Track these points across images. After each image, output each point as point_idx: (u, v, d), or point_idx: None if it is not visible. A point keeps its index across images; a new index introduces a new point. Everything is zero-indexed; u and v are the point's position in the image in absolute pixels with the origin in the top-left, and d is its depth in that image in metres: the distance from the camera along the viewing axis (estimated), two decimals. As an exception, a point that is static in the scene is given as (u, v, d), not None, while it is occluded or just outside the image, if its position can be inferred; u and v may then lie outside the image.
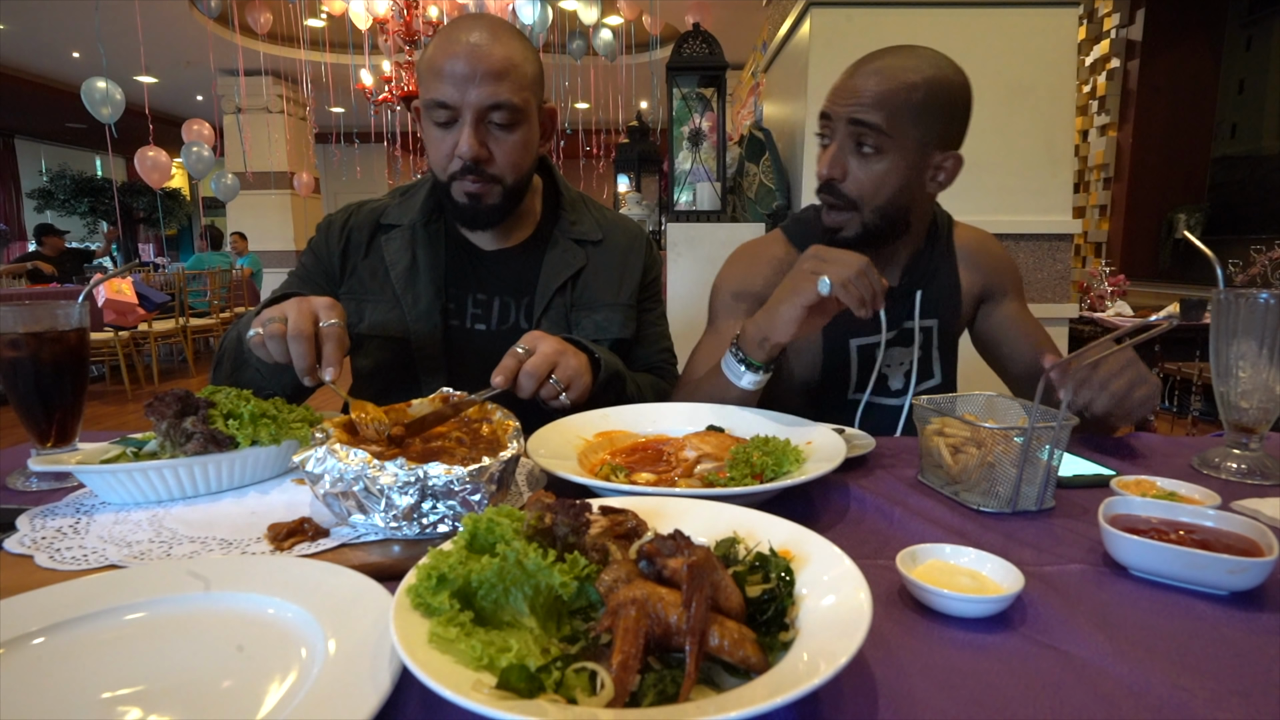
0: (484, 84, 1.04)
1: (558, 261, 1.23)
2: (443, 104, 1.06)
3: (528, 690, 0.40)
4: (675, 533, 0.48)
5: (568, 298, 1.23)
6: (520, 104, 1.07)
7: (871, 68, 1.09)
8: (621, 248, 1.30)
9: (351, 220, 1.25)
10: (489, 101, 1.05)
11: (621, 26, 7.59)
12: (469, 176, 1.09)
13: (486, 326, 1.23)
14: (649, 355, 1.32)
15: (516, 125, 1.09)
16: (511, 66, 1.06)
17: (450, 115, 1.07)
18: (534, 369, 0.93)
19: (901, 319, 1.25)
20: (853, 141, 1.11)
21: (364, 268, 1.22)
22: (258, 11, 6.79)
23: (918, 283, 1.25)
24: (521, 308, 1.24)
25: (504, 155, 1.10)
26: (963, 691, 0.46)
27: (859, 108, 1.08)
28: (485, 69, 1.04)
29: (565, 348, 0.97)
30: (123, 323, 5.58)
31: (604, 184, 11.97)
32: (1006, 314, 1.34)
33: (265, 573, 0.57)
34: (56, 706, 0.44)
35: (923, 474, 0.87)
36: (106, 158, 13.27)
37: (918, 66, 1.08)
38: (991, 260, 1.33)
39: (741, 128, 3.62)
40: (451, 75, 1.04)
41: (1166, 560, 0.59)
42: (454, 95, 1.05)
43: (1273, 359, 0.86)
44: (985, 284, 1.33)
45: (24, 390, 0.85)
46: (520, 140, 1.11)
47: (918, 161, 1.12)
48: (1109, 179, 5.77)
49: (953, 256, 1.30)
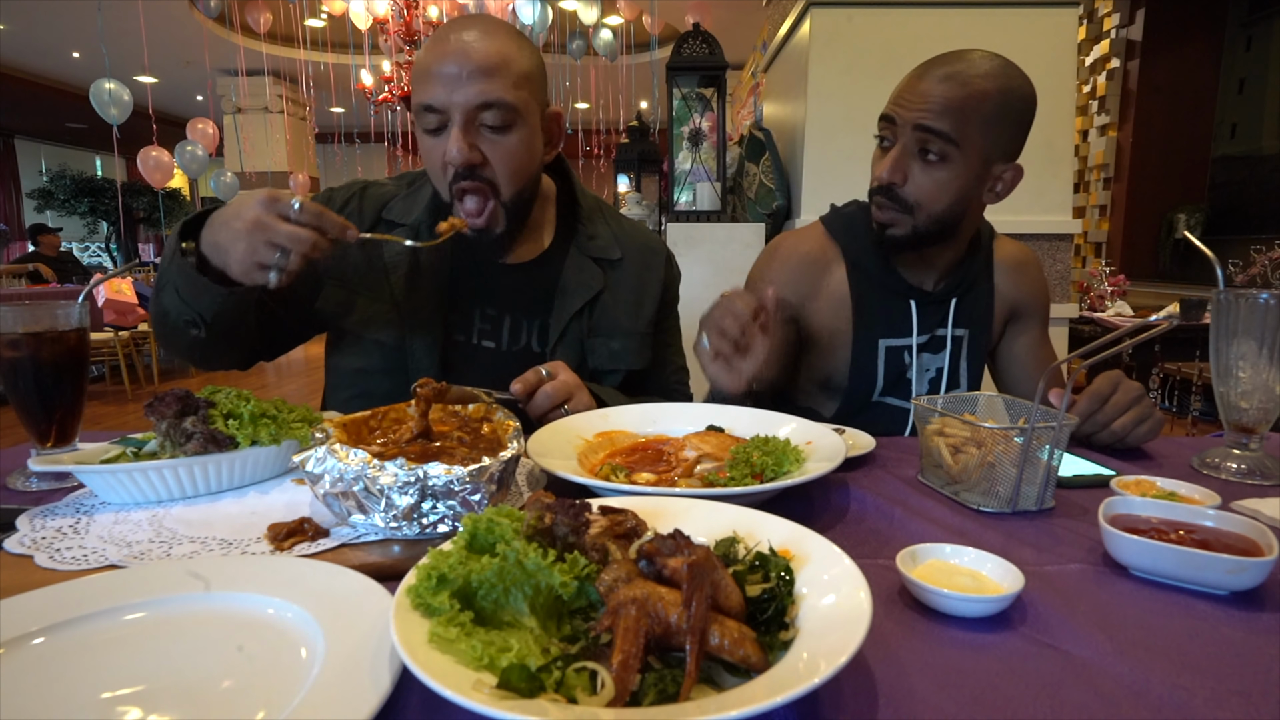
0: (472, 81, 0.96)
1: (575, 283, 1.17)
2: (430, 107, 0.98)
3: (528, 690, 0.40)
4: (675, 532, 0.48)
5: (584, 323, 1.17)
6: (514, 102, 0.99)
7: (942, 72, 1.06)
8: (640, 266, 1.23)
9: (352, 205, 1.17)
10: (477, 100, 0.97)
11: (621, 26, 7.60)
12: (465, 184, 1.01)
13: (496, 345, 1.15)
14: (664, 379, 1.29)
15: (511, 126, 1.00)
16: (503, 62, 0.98)
17: (440, 120, 0.99)
18: (554, 392, 0.98)
19: (934, 325, 1.23)
20: (917, 147, 1.08)
21: (360, 258, 1.13)
22: (258, 11, 6.80)
23: (954, 291, 1.23)
24: (534, 329, 1.17)
25: (500, 160, 1.01)
26: (963, 691, 0.46)
27: (928, 114, 1.05)
28: (473, 66, 0.96)
29: (582, 386, 1.02)
30: (123, 323, 5.58)
31: (604, 184, 11.97)
32: (1027, 341, 1.32)
33: (265, 573, 0.57)
34: (56, 706, 0.44)
35: (923, 474, 0.87)
36: (107, 158, 13.29)
37: (990, 74, 1.05)
38: (1027, 281, 1.31)
39: (741, 128, 3.63)
40: (439, 76, 0.97)
41: (1166, 560, 0.59)
42: (441, 96, 0.97)
43: (1273, 359, 0.86)
44: (1016, 303, 1.31)
45: (24, 390, 0.85)
46: (517, 143, 1.02)
47: (980, 171, 1.10)
48: (1109, 179, 5.77)
49: (991, 269, 1.29)
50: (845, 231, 1.26)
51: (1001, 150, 1.10)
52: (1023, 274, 1.31)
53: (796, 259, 1.27)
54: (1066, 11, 2.38)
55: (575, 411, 0.99)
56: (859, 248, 1.24)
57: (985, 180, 1.12)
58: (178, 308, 0.96)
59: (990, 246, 1.30)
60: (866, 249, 1.23)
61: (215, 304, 0.95)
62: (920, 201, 1.10)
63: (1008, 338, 1.33)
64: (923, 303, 1.22)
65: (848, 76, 2.40)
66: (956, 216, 1.13)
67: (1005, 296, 1.30)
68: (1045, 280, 1.35)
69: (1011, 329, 1.33)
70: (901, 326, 1.22)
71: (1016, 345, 1.33)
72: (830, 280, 1.25)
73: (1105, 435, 0.96)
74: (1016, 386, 1.33)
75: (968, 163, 1.08)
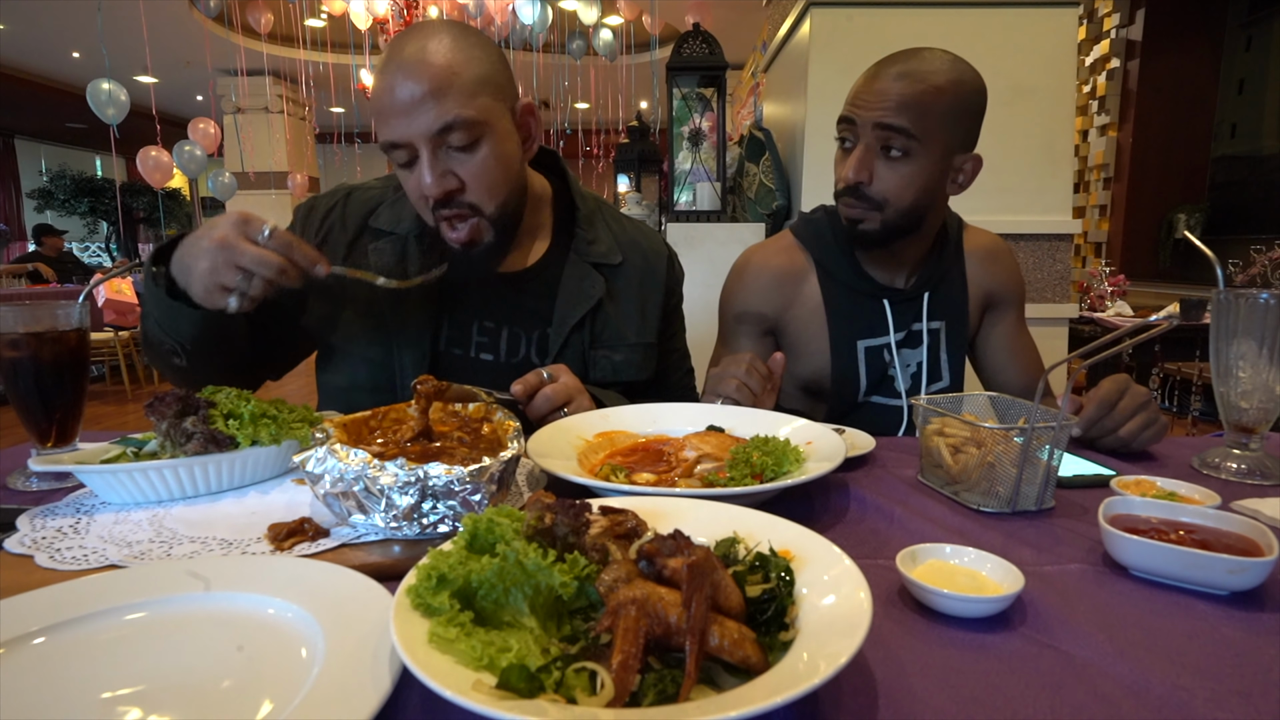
0: (424, 108, 0.92)
1: (575, 290, 1.13)
2: (394, 144, 0.95)
3: (528, 690, 0.40)
4: (675, 533, 0.48)
5: (585, 335, 1.13)
6: (475, 116, 0.94)
7: (895, 71, 1.09)
8: (642, 270, 1.20)
9: (335, 212, 1.12)
10: (437, 125, 0.92)
11: (621, 26, 7.60)
12: (445, 213, 0.99)
13: (494, 357, 1.12)
14: (671, 385, 1.29)
15: (479, 141, 0.96)
16: (451, 76, 0.93)
17: (408, 154, 0.96)
18: (554, 394, 0.98)
19: (910, 321, 1.25)
20: (879, 145, 1.11)
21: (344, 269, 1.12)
22: (259, 11, 6.80)
23: (926, 285, 1.26)
24: (534, 341, 1.13)
25: (474, 179, 0.98)
26: (963, 691, 0.46)
27: (886, 111, 1.08)
28: (423, 90, 0.91)
29: (584, 390, 1.02)
30: (123, 323, 5.58)
31: (604, 184, 11.97)
32: (1004, 330, 1.35)
33: (265, 573, 0.57)
34: (56, 706, 0.44)
35: (923, 474, 0.87)
36: (107, 158, 13.28)
37: (941, 69, 1.09)
38: (999, 269, 1.33)
39: (741, 128, 3.63)
40: (392, 108, 0.93)
41: (1166, 560, 0.59)
42: (400, 129, 0.93)
43: (1273, 359, 0.86)
44: (990, 291, 1.33)
45: (24, 390, 0.85)
46: (488, 157, 0.97)
47: (942, 163, 1.13)
48: (1109, 179, 5.77)
49: (962, 260, 1.30)
50: (814, 239, 1.28)
51: (959, 141, 1.13)
52: (995, 262, 1.33)
53: (767, 275, 1.29)
54: (1066, 11, 2.38)
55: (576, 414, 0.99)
56: (828, 254, 1.26)
57: (947, 172, 1.15)
58: (158, 336, 0.95)
59: (960, 237, 1.32)
60: (835, 255, 1.26)
61: (191, 329, 0.93)
62: (888, 197, 1.13)
63: (985, 327, 1.36)
64: (895, 300, 1.25)
65: (848, 76, 2.37)
66: (923, 209, 1.16)
67: (979, 286, 1.32)
68: (1018, 268, 1.37)
69: (988, 318, 1.35)
70: (877, 326, 1.24)
71: (994, 334, 1.35)
72: (804, 289, 1.28)
73: (1111, 440, 0.97)
74: (997, 375, 1.35)
75: (929, 156, 1.11)
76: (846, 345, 1.24)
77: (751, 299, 1.29)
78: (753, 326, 1.30)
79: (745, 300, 1.30)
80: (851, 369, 1.25)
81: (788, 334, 1.29)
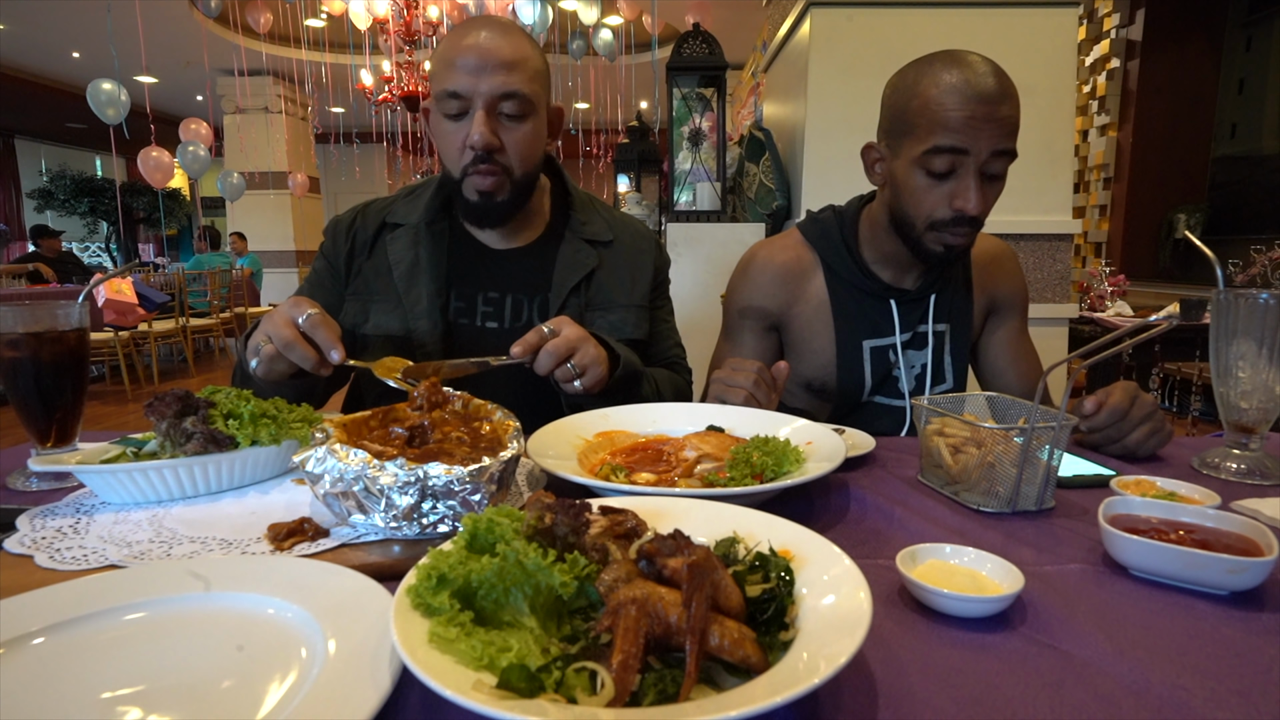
0: (495, 73, 1.08)
1: (571, 260, 1.24)
2: (455, 94, 1.08)
3: (528, 690, 0.40)
4: (675, 533, 0.48)
5: (582, 298, 1.24)
6: (530, 95, 1.10)
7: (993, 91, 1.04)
8: (631, 249, 1.31)
9: (358, 222, 1.26)
10: (500, 90, 1.08)
11: (621, 26, 7.59)
12: (481, 167, 1.11)
13: (499, 325, 1.23)
14: (663, 351, 1.35)
15: (526, 116, 1.12)
16: (522, 59, 1.10)
17: (462, 106, 1.09)
18: (555, 349, 0.96)
19: (915, 322, 1.25)
20: (986, 170, 1.07)
21: (369, 269, 1.23)
22: (258, 11, 6.79)
23: (932, 287, 1.26)
24: (535, 305, 1.24)
25: (514, 145, 1.12)
26: (962, 691, 0.46)
27: (1003, 137, 1.05)
28: (497, 60, 1.07)
29: (588, 336, 1.01)
30: (123, 323, 5.58)
31: (604, 184, 11.97)
32: (1006, 334, 1.35)
33: (265, 573, 0.57)
34: (56, 706, 0.44)
35: (923, 474, 0.87)
36: (106, 158, 13.28)
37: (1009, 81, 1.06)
38: (1004, 275, 1.33)
39: (741, 128, 3.63)
40: (464, 66, 1.08)
41: (1166, 560, 0.59)
42: (466, 85, 1.08)
43: (1273, 359, 0.86)
44: (994, 296, 1.33)
45: (24, 390, 0.85)
46: (530, 132, 1.13)
47: None
48: (1109, 179, 5.77)
49: (968, 263, 1.31)
50: (822, 239, 1.28)
51: None
52: (999, 267, 1.33)
53: (773, 270, 1.29)
54: (1066, 11, 2.38)
55: (583, 364, 0.98)
56: (835, 254, 1.26)
57: None
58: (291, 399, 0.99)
59: None
60: (842, 255, 1.26)
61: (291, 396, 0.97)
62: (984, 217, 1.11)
63: (987, 331, 1.36)
64: (902, 301, 1.24)
65: (848, 76, 2.40)
66: None
67: (983, 290, 1.32)
68: (1022, 273, 1.37)
69: (991, 322, 1.35)
70: (884, 326, 1.24)
71: (996, 339, 1.35)
72: (809, 287, 1.28)
73: (1117, 448, 0.97)
74: (998, 379, 1.35)
75: None
76: (852, 345, 1.24)
77: (756, 294, 1.29)
78: (756, 322, 1.30)
79: (750, 295, 1.30)
80: (856, 368, 1.25)
81: (791, 331, 1.29)
